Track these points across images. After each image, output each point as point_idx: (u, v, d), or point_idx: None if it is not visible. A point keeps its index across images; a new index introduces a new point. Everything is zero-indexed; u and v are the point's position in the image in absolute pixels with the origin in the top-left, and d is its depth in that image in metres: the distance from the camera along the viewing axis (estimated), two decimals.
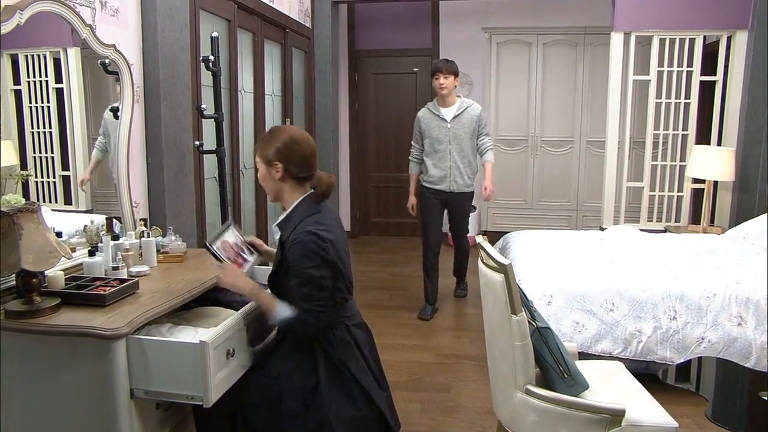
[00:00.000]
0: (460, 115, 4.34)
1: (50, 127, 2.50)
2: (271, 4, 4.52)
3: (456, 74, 4.29)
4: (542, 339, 2.04)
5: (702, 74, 5.18)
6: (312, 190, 2.17)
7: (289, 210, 2.14)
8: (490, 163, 4.45)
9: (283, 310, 2.02)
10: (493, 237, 6.24)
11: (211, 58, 3.13)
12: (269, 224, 4.72)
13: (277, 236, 2.15)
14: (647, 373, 3.40)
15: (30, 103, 2.42)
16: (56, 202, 2.57)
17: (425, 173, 4.49)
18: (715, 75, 5.22)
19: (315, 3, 5.58)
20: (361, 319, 2.28)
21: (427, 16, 6.89)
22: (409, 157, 4.60)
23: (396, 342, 3.99)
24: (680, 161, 5.28)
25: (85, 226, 2.57)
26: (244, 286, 2.09)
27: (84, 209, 2.68)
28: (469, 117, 4.35)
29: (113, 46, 2.61)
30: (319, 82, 5.68)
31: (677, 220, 5.36)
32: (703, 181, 5.06)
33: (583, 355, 3.17)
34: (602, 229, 4.81)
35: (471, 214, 6.79)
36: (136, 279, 2.18)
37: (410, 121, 7.21)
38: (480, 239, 2.14)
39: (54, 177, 2.54)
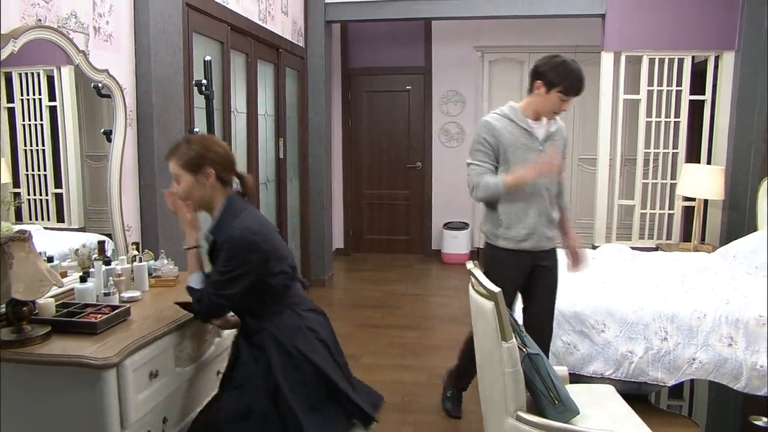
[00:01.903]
0: (554, 134, 2.87)
1: (43, 145, 2.52)
2: (264, 25, 4.55)
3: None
4: (532, 365, 2.05)
5: (691, 93, 5.24)
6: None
7: (219, 213, 2.12)
8: (566, 211, 3.03)
9: (194, 279, 2.09)
10: None
11: (204, 81, 3.15)
12: None
13: (207, 246, 2.15)
14: (639, 394, 3.43)
15: (23, 120, 2.44)
16: (49, 219, 2.57)
17: (493, 224, 2.87)
18: (704, 94, 5.29)
19: (308, 22, 5.63)
20: (314, 305, 2.26)
21: (419, 35, 6.95)
22: (474, 177, 2.81)
23: (388, 362, 3.98)
24: (671, 179, 5.32)
25: (77, 249, 2.57)
26: (190, 236, 2.13)
27: (77, 227, 2.68)
28: (560, 134, 2.92)
29: (106, 71, 2.63)
30: (313, 100, 5.70)
31: (668, 237, 5.40)
32: (694, 199, 5.10)
33: (575, 377, 3.18)
34: (594, 247, 4.84)
35: (463, 232, 6.86)
36: (128, 305, 2.17)
37: (403, 139, 7.32)
38: (470, 265, 2.15)
39: (46, 195, 2.55)
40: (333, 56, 6.53)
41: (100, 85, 2.63)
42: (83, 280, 2.24)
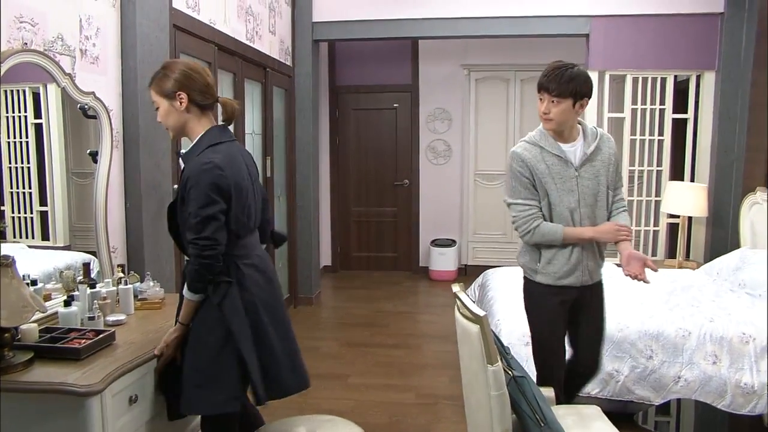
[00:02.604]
0: (593, 155, 2.57)
1: (28, 162, 2.50)
2: (251, 44, 4.58)
3: (580, 97, 2.47)
4: (518, 388, 2.05)
5: (674, 112, 5.32)
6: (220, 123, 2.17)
7: (194, 142, 2.10)
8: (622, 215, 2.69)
9: (186, 290, 2.04)
10: (474, 271, 6.28)
11: None
12: None
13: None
14: (626, 413, 3.44)
15: (8, 138, 2.42)
16: (33, 238, 2.56)
17: (532, 257, 2.63)
18: (687, 113, 5.36)
19: (296, 42, 5.66)
20: (258, 260, 2.17)
21: (406, 53, 7.01)
22: (531, 224, 2.55)
23: (376, 381, 3.97)
24: (655, 196, 5.38)
25: (61, 272, 2.55)
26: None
27: (62, 245, 2.67)
28: (604, 155, 2.59)
29: (92, 93, 2.63)
30: (300, 118, 5.72)
31: (654, 254, 5.44)
32: (678, 216, 5.15)
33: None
34: None
35: (451, 249, 6.88)
36: (113, 330, 2.16)
37: (390, 156, 7.36)
38: (456, 288, 2.16)
39: (31, 212, 2.54)
40: (320, 74, 6.57)
41: (86, 106, 2.63)
42: (67, 304, 2.23)
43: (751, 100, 4.79)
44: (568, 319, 2.67)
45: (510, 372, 2.08)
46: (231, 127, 2.26)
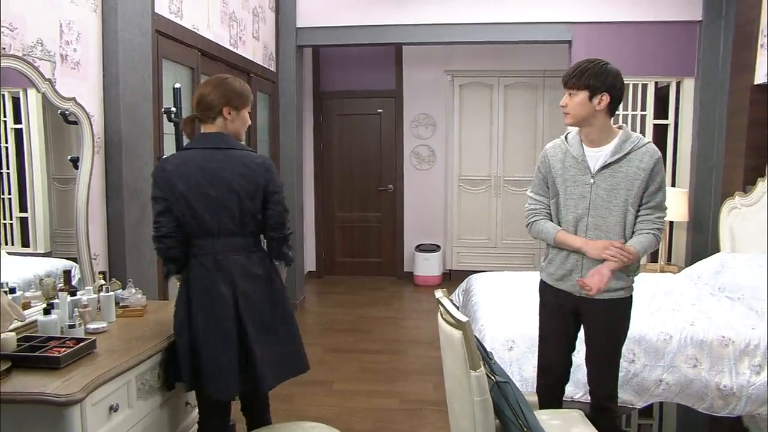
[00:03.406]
0: (619, 161, 2.42)
1: (8, 168, 2.47)
2: (235, 50, 4.57)
3: (595, 90, 2.38)
4: (501, 393, 2.06)
5: (655, 118, 5.39)
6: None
7: None
8: (632, 249, 2.40)
9: None
10: (459, 276, 6.30)
11: (173, 109, 3.14)
12: None
13: None
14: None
15: None
16: (13, 244, 2.52)
17: (543, 253, 2.71)
18: (667, 119, 5.43)
19: (279, 47, 5.66)
20: (212, 262, 2.29)
21: (390, 59, 7.03)
22: (530, 219, 2.65)
23: (361, 388, 3.96)
24: None
25: (41, 279, 2.52)
26: None
27: (42, 251, 2.64)
28: (632, 168, 2.40)
29: (73, 98, 2.61)
30: (284, 124, 5.71)
31: None
32: None
33: None
34: None
35: (435, 254, 6.89)
36: (94, 338, 2.14)
37: (374, 161, 7.37)
38: (439, 294, 2.16)
39: (11, 219, 2.50)
40: (305, 80, 6.56)
41: (67, 112, 2.61)
42: (47, 312, 2.20)
43: (729, 107, 4.87)
44: (585, 340, 2.61)
45: (493, 377, 2.09)
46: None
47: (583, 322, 2.59)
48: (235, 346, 2.25)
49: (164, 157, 2.27)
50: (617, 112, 5.29)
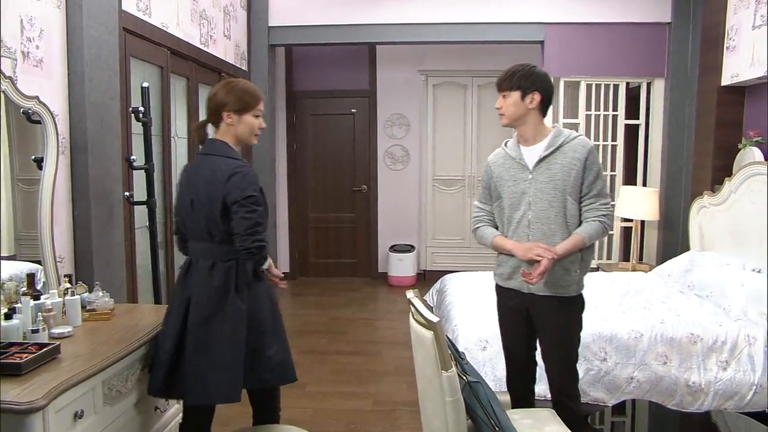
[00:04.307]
0: (554, 154, 2.52)
1: None
2: (205, 48, 4.51)
3: (525, 90, 2.50)
4: (473, 393, 2.06)
5: (626, 118, 5.45)
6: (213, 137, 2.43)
7: None
8: (578, 236, 2.48)
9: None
10: (433, 276, 6.30)
11: (141, 109, 3.08)
12: None
13: None
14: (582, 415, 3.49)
15: None
16: None
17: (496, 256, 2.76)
18: (639, 119, 5.50)
19: (251, 46, 5.60)
20: (192, 264, 2.36)
21: (364, 58, 7.01)
22: (473, 226, 2.78)
23: (334, 389, 3.94)
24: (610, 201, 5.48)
25: (2, 283, 2.45)
26: None
27: (7, 254, 2.56)
28: (567, 159, 2.50)
29: (36, 97, 2.54)
30: None
31: (609, 257, 5.56)
32: (632, 220, 5.27)
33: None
34: None
35: (409, 255, 6.89)
36: (58, 343, 2.08)
37: (348, 162, 7.34)
38: (410, 294, 2.15)
39: None
40: (277, 79, 6.52)
41: (29, 111, 2.54)
42: (8, 317, 2.13)
43: (697, 108, 4.94)
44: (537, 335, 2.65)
45: (465, 377, 2.08)
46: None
47: (534, 320, 2.62)
48: (173, 348, 2.27)
49: None
50: (588, 112, 5.37)
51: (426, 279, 6.91)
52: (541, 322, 2.60)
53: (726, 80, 4.51)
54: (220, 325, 2.26)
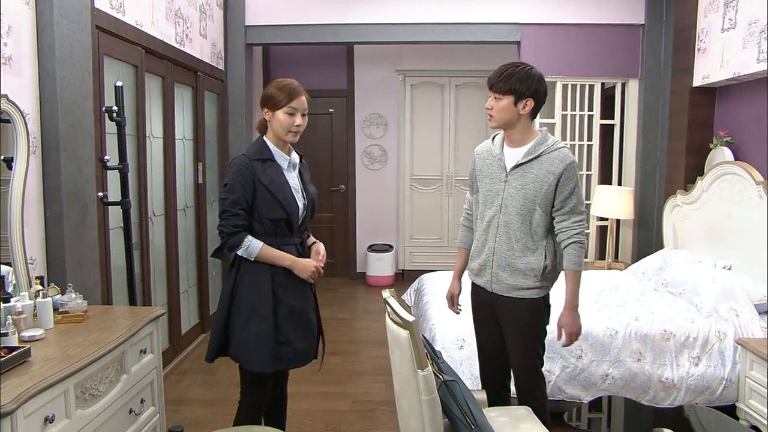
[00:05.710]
0: (531, 162, 2.48)
1: None
2: (181, 48, 4.46)
3: (519, 95, 2.43)
4: (449, 392, 2.07)
5: (602, 118, 5.51)
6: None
7: None
8: (570, 272, 2.51)
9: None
10: (411, 275, 6.32)
11: (115, 108, 3.04)
12: (181, 269, 4.58)
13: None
14: (557, 412, 3.53)
15: None
16: None
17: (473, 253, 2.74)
18: (614, 119, 5.56)
19: (228, 45, 5.56)
20: None
21: (342, 58, 7.00)
22: (461, 222, 2.90)
23: (312, 390, 3.93)
24: (586, 200, 5.54)
25: None
26: None
27: None
28: (542, 171, 2.46)
29: (5, 96, 2.49)
30: (233, 123, 5.62)
31: (585, 256, 5.60)
32: (607, 219, 5.33)
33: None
34: None
35: (388, 254, 6.89)
36: (28, 346, 2.05)
37: (326, 161, 7.32)
38: (386, 294, 2.15)
39: None
40: (254, 79, 6.48)
41: None
42: None
43: (670, 108, 5.02)
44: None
45: (441, 376, 2.09)
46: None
47: (499, 317, 2.65)
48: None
49: None
50: (564, 112, 5.42)
51: (404, 278, 6.92)
52: (504, 321, 2.63)
53: (697, 81, 4.58)
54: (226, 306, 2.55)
